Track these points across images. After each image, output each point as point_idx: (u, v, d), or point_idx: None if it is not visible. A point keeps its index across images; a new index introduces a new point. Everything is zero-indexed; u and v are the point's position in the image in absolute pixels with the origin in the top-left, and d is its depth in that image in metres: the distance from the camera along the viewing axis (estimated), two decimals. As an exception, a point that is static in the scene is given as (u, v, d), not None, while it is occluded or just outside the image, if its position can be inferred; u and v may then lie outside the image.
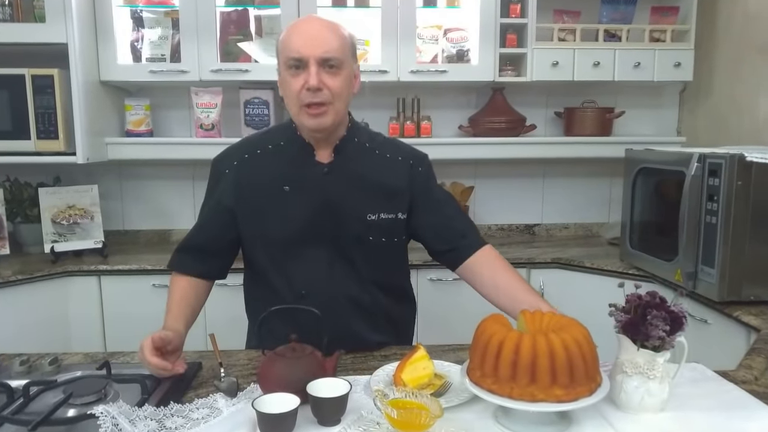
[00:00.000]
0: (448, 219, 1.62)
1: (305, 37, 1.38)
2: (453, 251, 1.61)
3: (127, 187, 3.18)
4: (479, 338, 1.17)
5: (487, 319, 1.21)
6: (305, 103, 1.40)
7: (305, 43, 1.37)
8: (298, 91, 1.40)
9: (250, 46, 2.88)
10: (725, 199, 1.99)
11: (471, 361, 1.19)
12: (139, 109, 2.90)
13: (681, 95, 3.35)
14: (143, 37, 2.84)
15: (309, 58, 1.37)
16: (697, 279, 2.14)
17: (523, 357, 1.08)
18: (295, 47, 1.38)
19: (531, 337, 1.11)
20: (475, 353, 1.16)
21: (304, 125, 1.46)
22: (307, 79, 1.37)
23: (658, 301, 1.21)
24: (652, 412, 1.20)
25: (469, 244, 1.61)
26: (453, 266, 1.63)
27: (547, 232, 3.39)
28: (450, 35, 2.97)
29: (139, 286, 2.63)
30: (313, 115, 1.42)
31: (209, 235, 1.57)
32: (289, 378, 1.18)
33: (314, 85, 1.37)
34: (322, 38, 1.39)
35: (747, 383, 1.38)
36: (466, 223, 1.65)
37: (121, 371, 1.39)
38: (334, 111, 1.44)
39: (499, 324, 1.18)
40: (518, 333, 1.13)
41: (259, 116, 2.87)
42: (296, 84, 1.39)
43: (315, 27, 1.41)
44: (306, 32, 1.39)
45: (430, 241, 1.64)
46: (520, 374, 1.08)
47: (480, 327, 1.19)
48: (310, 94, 1.38)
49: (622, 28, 2.96)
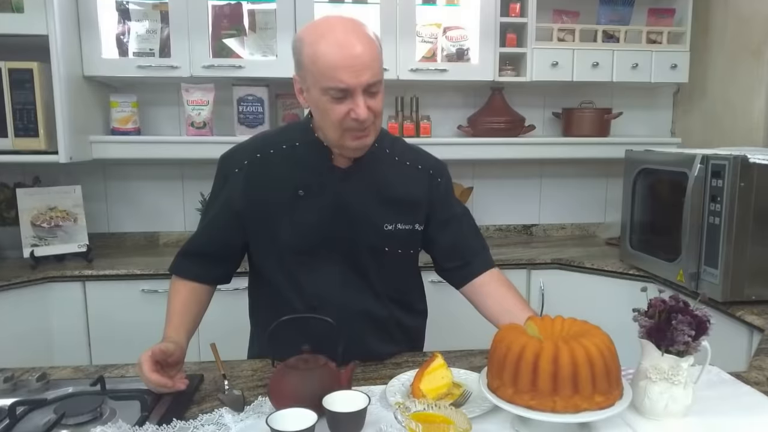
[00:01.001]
0: (462, 236, 1.57)
1: (347, 62, 1.24)
2: (461, 269, 1.56)
3: (113, 188, 3.08)
4: (498, 347, 1.12)
5: (506, 327, 1.17)
6: (349, 128, 1.31)
7: (348, 70, 1.24)
8: (341, 118, 1.29)
9: (236, 43, 2.80)
10: (728, 200, 1.99)
11: (490, 370, 1.14)
12: (126, 106, 2.81)
13: (675, 96, 3.35)
14: (130, 31, 2.75)
15: (355, 88, 1.26)
16: (699, 279, 2.13)
17: (544, 367, 1.05)
18: (337, 76, 1.24)
19: (553, 345, 1.06)
20: (494, 362, 1.12)
21: (346, 147, 1.36)
22: (352, 107, 1.28)
23: (683, 305, 1.18)
24: (676, 418, 1.17)
25: (479, 264, 1.56)
26: (458, 284, 1.59)
27: (544, 232, 3.37)
28: (449, 33, 2.92)
29: (127, 292, 2.54)
30: (358, 137, 1.33)
31: (216, 239, 1.49)
32: (302, 391, 1.12)
33: (364, 118, 1.29)
34: (364, 61, 1.25)
35: (760, 384, 1.37)
36: (479, 242, 1.60)
37: (116, 387, 1.30)
38: (375, 129, 1.37)
39: (517, 332, 1.14)
40: (539, 341, 1.08)
41: (253, 114, 2.80)
42: (339, 111, 1.29)
43: (354, 45, 1.25)
44: (345, 54, 1.24)
45: (439, 256, 1.59)
46: (542, 384, 1.05)
47: (498, 335, 1.15)
48: (357, 123, 1.29)
49: (620, 29, 2.94)
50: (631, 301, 2.40)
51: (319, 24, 1.32)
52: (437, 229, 1.54)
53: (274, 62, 2.76)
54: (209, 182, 2.95)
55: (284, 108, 2.98)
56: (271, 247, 1.45)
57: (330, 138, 1.37)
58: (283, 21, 2.71)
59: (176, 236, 3.11)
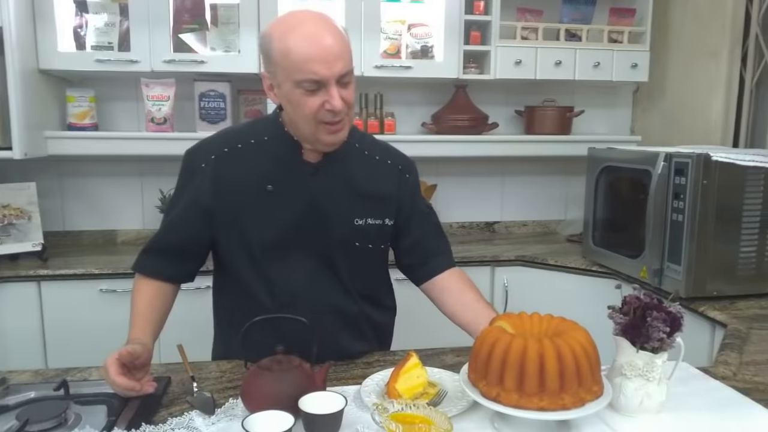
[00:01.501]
0: (425, 234, 1.58)
1: (320, 54, 1.24)
2: (422, 267, 1.58)
3: (68, 185, 2.97)
4: (481, 344, 1.12)
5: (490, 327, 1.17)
6: (325, 121, 1.30)
7: (321, 61, 1.24)
8: (315, 110, 1.28)
9: (198, 38, 2.74)
10: (691, 198, 2.03)
11: (473, 369, 1.13)
12: (83, 101, 2.72)
13: (634, 95, 3.41)
14: (87, 23, 2.65)
15: (329, 79, 1.26)
16: (663, 275, 2.17)
17: (529, 364, 1.04)
18: (310, 68, 1.24)
19: (537, 343, 1.06)
20: (477, 361, 1.11)
21: (320, 142, 1.35)
22: (326, 99, 1.27)
23: (657, 302, 1.19)
24: (651, 414, 1.19)
25: (440, 263, 1.58)
26: (418, 281, 1.60)
27: (506, 229, 3.39)
28: (414, 30, 2.91)
29: (84, 292, 2.45)
30: (332, 131, 1.32)
31: (182, 236, 1.45)
32: (277, 393, 1.09)
33: (339, 108, 1.28)
34: (336, 51, 1.25)
35: (727, 379, 1.40)
36: (442, 241, 1.62)
37: (80, 391, 1.25)
38: (349, 121, 1.36)
39: (500, 330, 1.14)
40: (522, 339, 1.08)
41: (215, 110, 2.74)
42: (313, 104, 1.28)
43: (324, 36, 1.25)
44: (317, 46, 1.24)
45: (401, 252, 1.59)
46: (527, 381, 1.04)
47: (481, 333, 1.14)
48: (332, 114, 1.28)
49: (582, 28, 2.98)
50: (595, 298, 2.49)
51: (287, 18, 1.31)
52: (402, 225, 1.54)
53: (237, 58, 2.71)
54: (169, 179, 2.90)
55: (246, 104, 2.93)
56: (240, 244, 1.42)
57: (304, 133, 1.34)
58: (246, 16, 2.66)
59: (134, 234, 3.02)
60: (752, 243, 2.06)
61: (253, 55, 2.67)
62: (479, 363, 1.10)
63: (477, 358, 1.11)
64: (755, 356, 1.56)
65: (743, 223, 2.05)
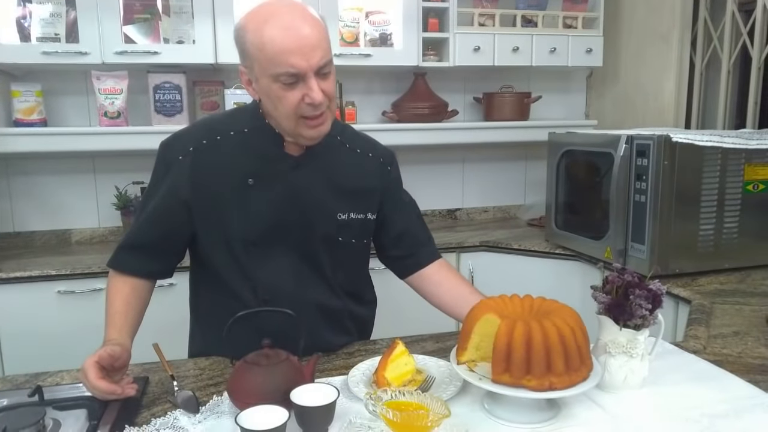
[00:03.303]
0: (410, 225, 1.57)
1: (296, 45, 1.19)
2: (407, 258, 1.57)
3: (16, 184, 2.84)
4: (470, 325, 1.12)
5: (478, 306, 1.16)
6: (306, 116, 1.26)
7: (298, 53, 1.19)
8: (295, 105, 1.24)
9: (150, 28, 2.65)
10: (653, 179, 2.07)
11: (460, 348, 1.14)
12: (29, 96, 2.60)
13: (588, 80, 3.47)
14: (32, 14, 2.54)
15: (307, 72, 1.22)
16: (627, 255, 2.22)
17: (516, 346, 1.05)
18: (287, 60, 1.19)
19: (525, 325, 1.07)
20: (468, 343, 1.11)
21: (302, 136, 1.31)
22: (305, 92, 1.23)
23: (638, 280, 1.21)
24: (634, 390, 1.21)
25: (426, 255, 1.57)
26: (403, 273, 1.59)
27: (468, 216, 3.42)
28: (372, 18, 2.89)
29: (41, 294, 2.36)
30: (314, 126, 1.28)
31: (160, 231, 1.39)
32: (267, 388, 1.07)
33: (320, 101, 1.24)
34: (313, 42, 1.21)
35: (698, 352, 1.44)
36: (426, 233, 1.61)
37: (55, 395, 1.20)
38: (331, 113, 1.32)
39: (485, 306, 1.14)
40: (511, 320, 1.08)
41: (171, 102, 2.67)
42: (293, 98, 1.23)
43: (300, 26, 1.21)
44: (293, 37, 1.19)
45: (386, 245, 1.57)
46: (515, 363, 1.05)
47: (471, 314, 1.14)
48: (312, 108, 1.25)
49: (537, 14, 3.01)
50: (560, 280, 2.53)
51: (260, 9, 1.26)
52: (386, 218, 1.52)
53: (192, 48, 2.63)
54: (125, 175, 2.87)
55: (202, 95, 2.85)
56: (220, 238, 1.38)
57: (285, 127, 1.31)
58: (200, 5, 2.59)
59: (89, 233, 2.92)
60: (710, 221, 2.12)
61: (208, 45, 2.61)
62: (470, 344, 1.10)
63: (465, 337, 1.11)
64: (721, 329, 1.61)
65: (702, 202, 2.10)
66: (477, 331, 1.14)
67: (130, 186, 2.85)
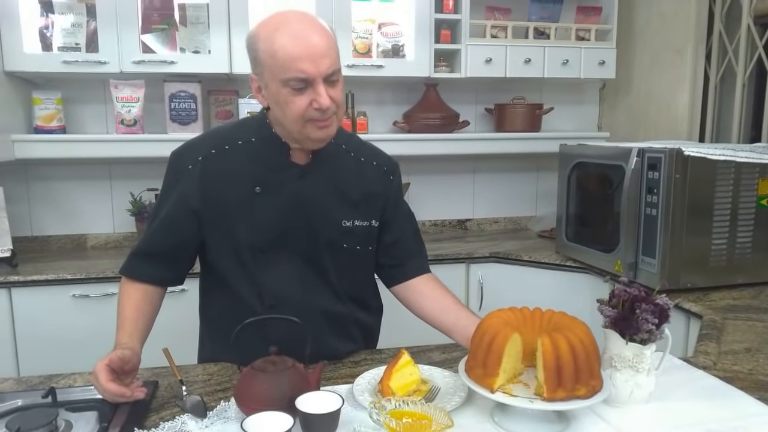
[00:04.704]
0: (404, 236, 1.58)
1: (306, 52, 1.23)
2: (396, 268, 1.57)
3: (35, 189, 2.90)
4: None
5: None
6: (312, 118, 1.29)
7: (308, 59, 1.23)
8: (303, 109, 1.27)
9: (167, 38, 2.69)
10: (665, 192, 2.07)
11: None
12: (50, 103, 2.65)
13: (601, 92, 3.47)
14: (53, 24, 2.59)
15: (316, 78, 1.25)
16: (637, 269, 2.21)
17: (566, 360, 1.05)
18: (297, 66, 1.23)
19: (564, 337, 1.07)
20: (478, 354, 1.12)
21: (309, 139, 1.33)
22: (314, 98, 1.26)
23: (644, 294, 1.21)
24: (640, 405, 1.21)
25: (416, 267, 1.58)
26: (389, 282, 1.60)
27: (478, 226, 3.42)
28: (384, 29, 2.92)
29: (56, 297, 2.40)
30: (321, 126, 1.31)
31: (170, 239, 1.42)
32: (273, 394, 1.09)
33: (327, 106, 1.27)
34: (322, 49, 1.25)
35: (708, 368, 1.43)
36: (419, 246, 1.62)
37: (68, 397, 1.22)
38: (338, 120, 1.35)
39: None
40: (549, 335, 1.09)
41: (186, 111, 2.70)
42: (301, 103, 1.27)
43: (309, 35, 1.25)
44: (303, 44, 1.24)
45: (378, 252, 1.58)
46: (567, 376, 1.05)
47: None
48: (320, 113, 1.28)
49: (550, 26, 3.02)
50: (570, 292, 2.52)
51: (271, 19, 1.30)
52: (383, 225, 1.54)
53: (207, 58, 2.67)
54: (140, 182, 2.91)
55: (217, 105, 2.89)
56: (228, 245, 1.40)
57: (292, 131, 1.33)
58: (215, 16, 2.63)
59: (104, 238, 2.97)
60: (723, 236, 2.11)
61: (223, 55, 2.65)
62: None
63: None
64: (732, 345, 1.60)
65: (714, 216, 2.10)
66: (507, 353, 1.11)
67: (144, 192, 2.89)
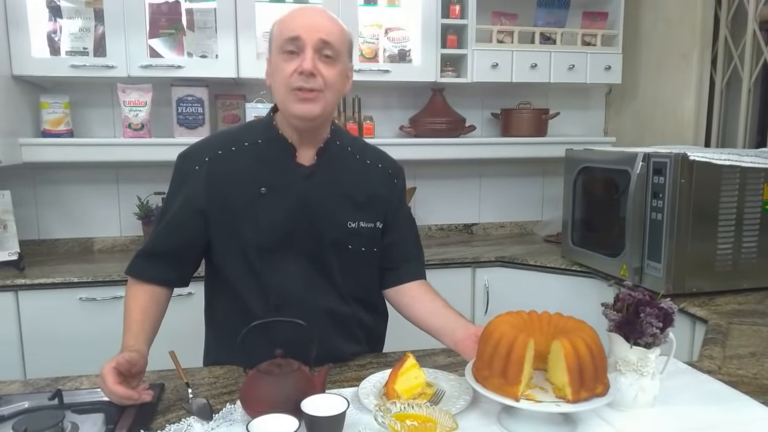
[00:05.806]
0: (402, 240, 1.58)
1: (305, 20, 1.32)
2: (391, 271, 1.57)
3: (42, 192, 2.92)
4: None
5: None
6: (296, 86, 1.30)
7: (304, 25, 1.31)
8: (289, 74, 1.30)
9: (175, 42, 2.72)
10: (670, 197, 2.07)
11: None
12: (57, 107, 2.67)
13: (607, 97, 3.47)
14: (62, 29, 2.62)
15: (306, 41, 1.29)
16: (643, 273, 2.21)
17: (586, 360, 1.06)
18: (292, 27, 1.31)
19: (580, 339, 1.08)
20: (484, 354, 1.12)
21: (290, 112, 1.34)
22: (300, 63, 1.30)
23: (649, 298, 1.22)
24: (644, 408, 1.21)
25: (411, 272, 1.58)
26: (384, 284, 1.59)
27: (484, 231, 3.42)
28: (391, 34, 2.93)
29: (64, 301, 2.41)
30: (302, 99, 1.31)
31: (177, 240, 1.43)
32: (279, 397, 1.09)
33: (308, 69, 1.29)
34: (323, 23, 1.33)
35: (713, 373, 1.43)
36: (417, 251, 1.62)
37: (75, 399, 1.23)
38: (324, 100, 1.34)
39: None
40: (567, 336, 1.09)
41: (193, 115, 2.72)
42: (288, 68, 1.30)
43: (316, 13, 1.36)
44: (306, 16, 1.34)
45: None
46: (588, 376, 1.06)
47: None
48: (303, 78, 1.30)
49: (556, 32, 3.02)
50: (576, 297, 2.52)
51: (290, 8, 1.40)
52: (383, 228, 1.54)
53: (214, 62, 2.69)
54: (147, 185, 2.93)
55: (224, 109, 2.90)
56: (234, 246, 1.41)
57: (280, 103, 1.37)
58: (223, 20, 2.64)
59: (111, 242, 2.98)
60: (728, 240, 2.11)
61: (230, 59, 2.66)
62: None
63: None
64: (738, 350, 1.59)
65: (720, 221, 2.09)
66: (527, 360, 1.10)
67: (151, 196, 2.91)
